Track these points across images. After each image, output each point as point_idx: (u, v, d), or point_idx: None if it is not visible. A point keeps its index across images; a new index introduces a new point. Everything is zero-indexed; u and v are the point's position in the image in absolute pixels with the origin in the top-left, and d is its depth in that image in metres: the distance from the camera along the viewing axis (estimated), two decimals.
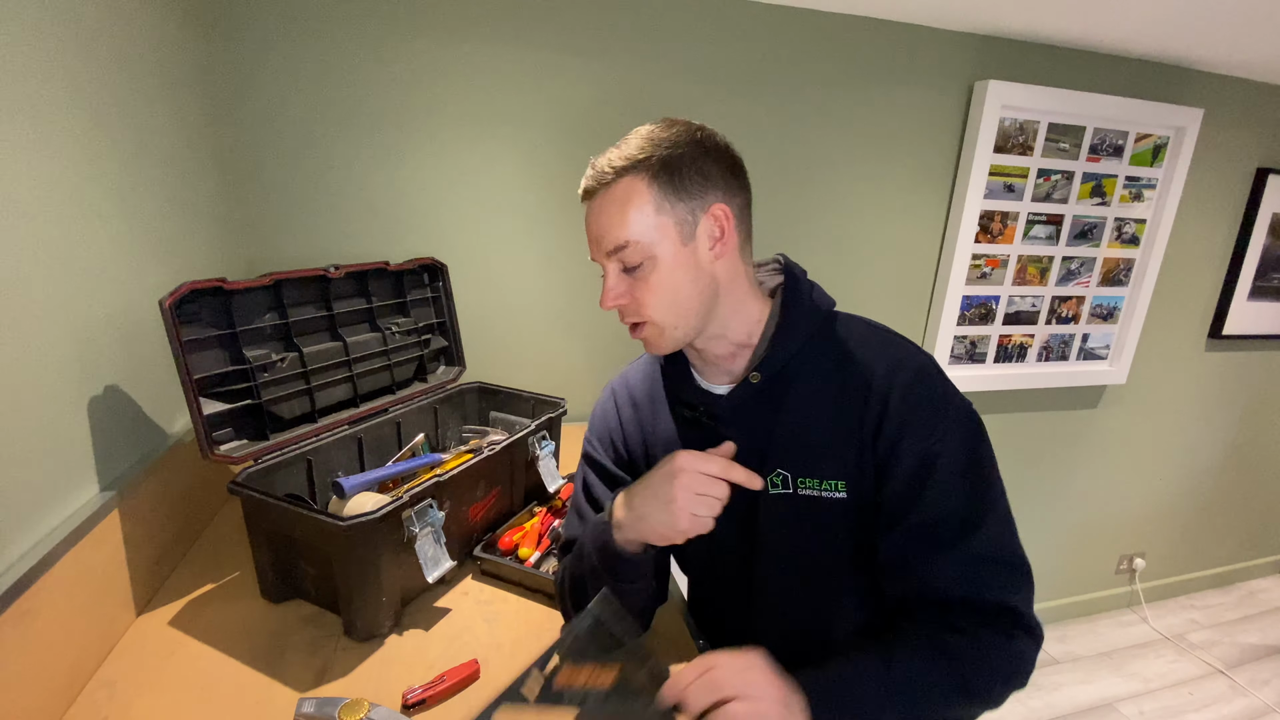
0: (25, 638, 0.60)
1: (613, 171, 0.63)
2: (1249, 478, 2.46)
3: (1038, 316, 1.89)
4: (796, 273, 0.72)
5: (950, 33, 1.58)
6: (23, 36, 0.67)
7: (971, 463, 0.63)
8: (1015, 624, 0.60)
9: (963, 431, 0.63)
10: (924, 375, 0.65)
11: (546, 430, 1.09)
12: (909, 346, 0.68)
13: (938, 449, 0.62)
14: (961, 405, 0.65)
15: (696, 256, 0.65)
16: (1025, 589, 0.62)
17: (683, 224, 0.63)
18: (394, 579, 0.80)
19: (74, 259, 0.75)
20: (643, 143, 0.63)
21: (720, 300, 0.67)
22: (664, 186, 0.62)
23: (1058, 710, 1.95)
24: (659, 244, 0.63)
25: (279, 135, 1.23)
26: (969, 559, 0.61)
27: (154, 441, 0.93)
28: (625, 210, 0.63)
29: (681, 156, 0.62)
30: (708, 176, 0.63)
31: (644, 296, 0.65)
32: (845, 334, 0.69)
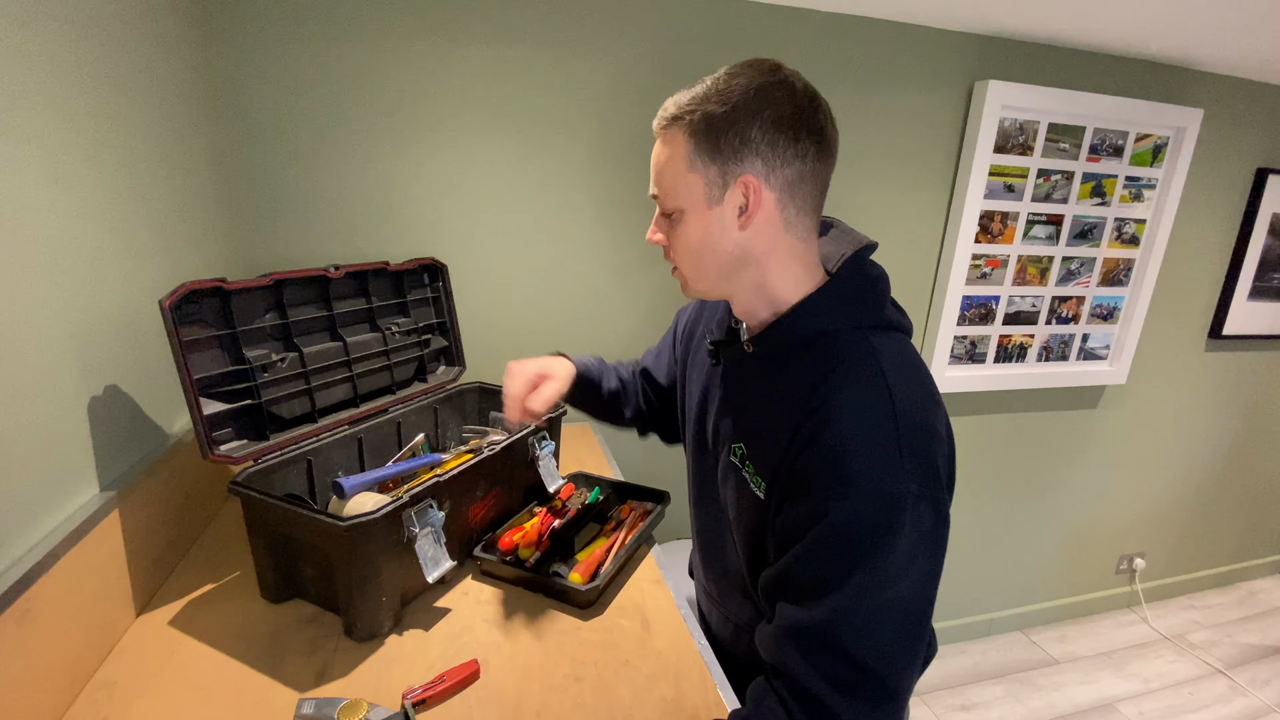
0: (25, 638, 0.60)
1: (668, 118, 0.63)
2: (1249, 478, 2.46)
3: (1038, 316, 1.89)
4: (850, 269, 0.65)
5: (950, 33, 1.57)
6: (22, 36, 0.67)
7: (866, 539, 0.54)
8: None
9: (880, 508, 0.54)
10: (881, 433, 0.56)
11: (546, 430, 1.09)
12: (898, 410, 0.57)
13: (838, 504, 0.55)
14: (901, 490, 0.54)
15: (722, 222, 0.62)
16: (862, 704, 0.53)
17: (711, 186, 0.61)
18: (394, 579, 0.80)
19: (74, 259, 0.75)
20: (700, 91, 0.61)
21: (749, 270, 0.64)
22: (700, 144, 0.60)
23: (1058, 710, 1.95)
24: (683, 199, 0.62)
25: (279, 135, 1.23)
26: (811, 632, 0.55)
27: (154, 441, 0.93)
28: (664, 160, 0.63)
29: (725, 115, 0.58)
30: (748, 141, 0.58)
31: (674, 244, 0.66)
32: (851, 359, 0.61)
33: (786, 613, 0.57)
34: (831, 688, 0.53)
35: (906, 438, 0.55)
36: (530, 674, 0.74)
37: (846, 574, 0.53)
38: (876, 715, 0.53)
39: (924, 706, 1.95)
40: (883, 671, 0.53)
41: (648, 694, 0.72)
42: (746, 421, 0.69)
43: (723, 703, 0.72)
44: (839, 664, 0.53)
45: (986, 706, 1.96)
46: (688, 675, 0.75)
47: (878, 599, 0.54)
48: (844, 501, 0.54)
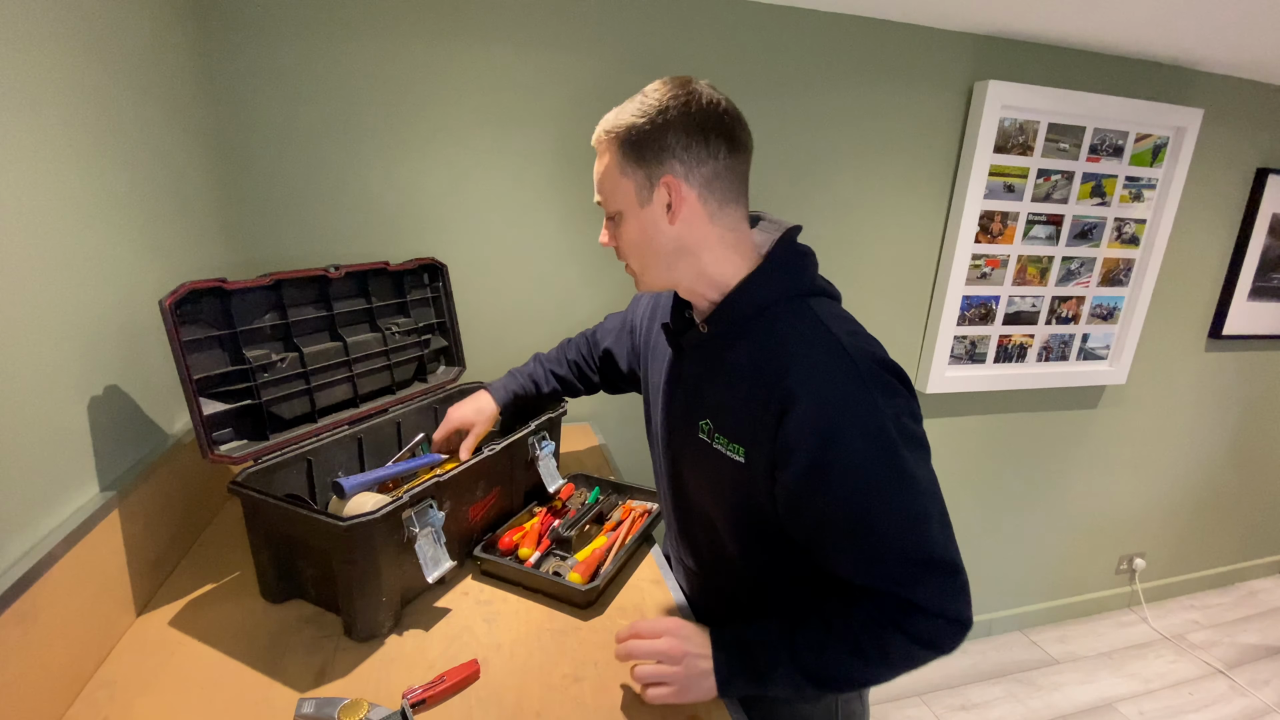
0: (25, 638, 0.60)
1: (600, 134, 0.71)
2: (1249, 478, 2.46)
3: (1038, 316, 1.89)
4: (782, 248, 0.73)
5: (950, 33, 1.58)
6: (21, 36, 0.67)
7: (876, 466, 0.62)
8: (912, 609, 0.63)
9: (873, 439, 0.62)
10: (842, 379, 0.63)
11: (546, 430, 1.09)
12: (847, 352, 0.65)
13: (832, 457, 0.62)
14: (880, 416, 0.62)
15: (654, 219, 0.70)
16: (933, 583, 0.63)
17: (641, 188, 0.69)
18: (394, 579, 0.80)
19: (74, 259, 0.75)
20: (625, 108, 0.70)
21: (688, 260, 0.72)
22: (626, 154, 0.68)
23: (1058, 710, 1.95)
24: (621, 203, 0.71)
25: (279, 135, 1.23)
26: (864, 556, 0.64)
27: (154, 441, 0.93)
28: (600, 169, 0.72)
29: (643, 127, 0.67)
30: (665, 148, 0.67)
31: (620, 244, 0.74)
32: (800, 320, 0.69)
33: (839, 552, 0.65)
34: (902, 587, 0.62)
35: (866, 375, 0.64)
36: (530, 674, 0.74)
37: (876, 501, 0.62)
38: (949, 586, 0.63)
39: (924, 706, 1.95)
40: (936, 555, 0.63)
41: None
42: (710, 397, 0.74)
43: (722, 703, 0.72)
44: (902, 567, 0.62)
45: (986, 706, 1.96)
46: None
47: (908, 506, 0.63)
48: (840, 452, 0.62)
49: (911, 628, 0.63)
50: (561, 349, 1.16)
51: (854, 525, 0.63)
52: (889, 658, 0.64)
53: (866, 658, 0.64)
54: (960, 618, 0.63)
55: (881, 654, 0.64)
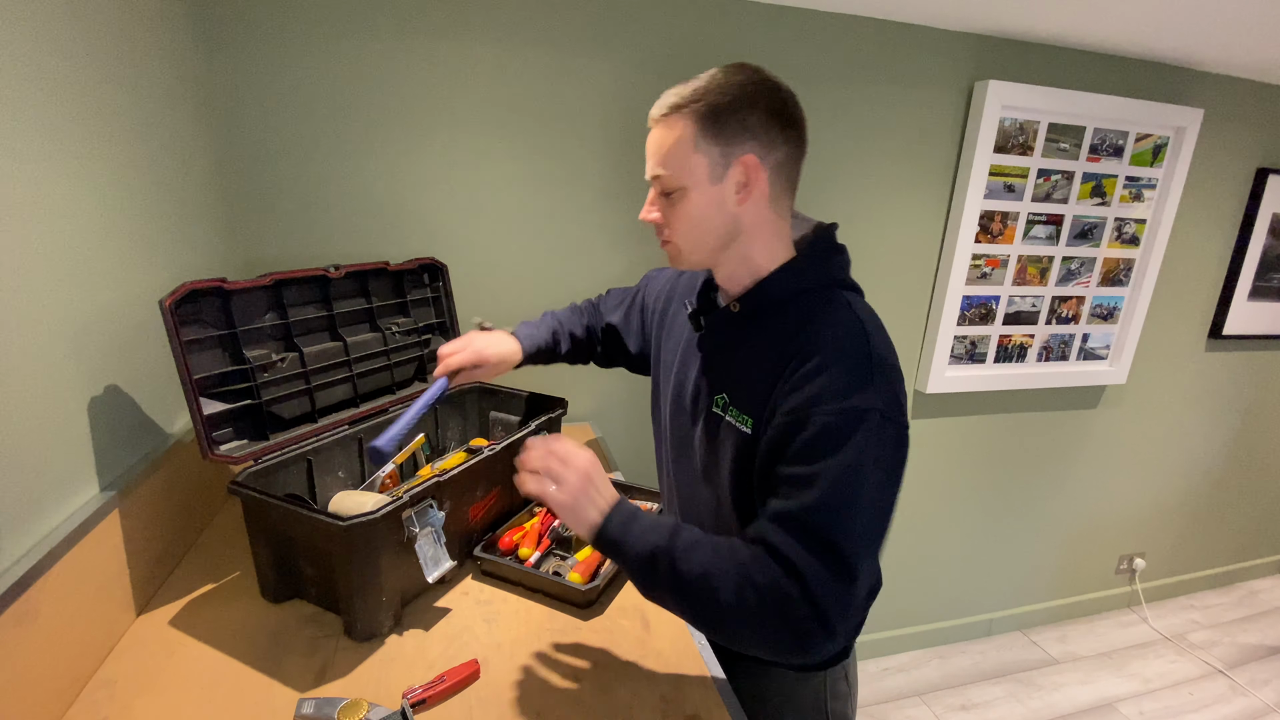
0: (25, 638, 0.60)
1: (670, 107, 0.70)
2: (1249, 478, 2.46)
3: (1038, 316, 1.89)
4: (823, 241, 0.76)
5: (950, 33, 1.58)
6: (21, 37, 0.67)
7: (838, 445, 0.62)
8: (801, 588, 0.59)
9: (851, 420, 0.62)
10: (852, 366, 0.65)
11: (546, 430, 1.09)
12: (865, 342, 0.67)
13: (810, 417, 0.63)
14: (869, 405, 0.63)
15: (722, 198, 0.70)
16: (827, 573, 0.60)
17: (714, 166, 0.69)
18: (394, 579, 0.80)
19: (74, 259, 0.75)
20: (702, 84, 0.68)
21: (739, 241, 0.73)
22: (705, 129, 0.68)
23: (1058, 710, 1.95)
24: (689, 179, 0.69)
25: (279, 135, 1.23)
26: (786, 514, 0.62)
27: (154, 441, 0.93)
28: (667, 144, 0.70)
29: (728, 104, 0.67)
30: (748, 127, 0.67)
31: (671, 220, 0.73)
32: (828, 307, 0.71)
33: (772, 504, 0.65)
34: (804, 552, 0.61)
35: (878, 368, 0.65)
36: (530, 674, 0.74)
37: (824, 471, 0.62)
38: (835, 584, 0.60)
39: (924, 706, 1.95)
40: (846, 551, 0.61)
41: (648, 694, 0.72)
42: (729, 373, 0.76)
43: (722, 703, 0.72)
44: (811, 540, 0.61)
45: (986, 706, 1.96)
46: (688, 675, 0.75)
47: (848, 494, 0.62)
48: (822, 414, 0.63)
49: (782, 593, 0.59)
50: (574, 313, 1.12)
51: (795, 486, 0.63)
52: (745, 609, 0.61)
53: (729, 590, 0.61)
54: (829, 621, 0.59)
55: (740, 597, 0.61)
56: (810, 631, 0.59)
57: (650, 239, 1.51)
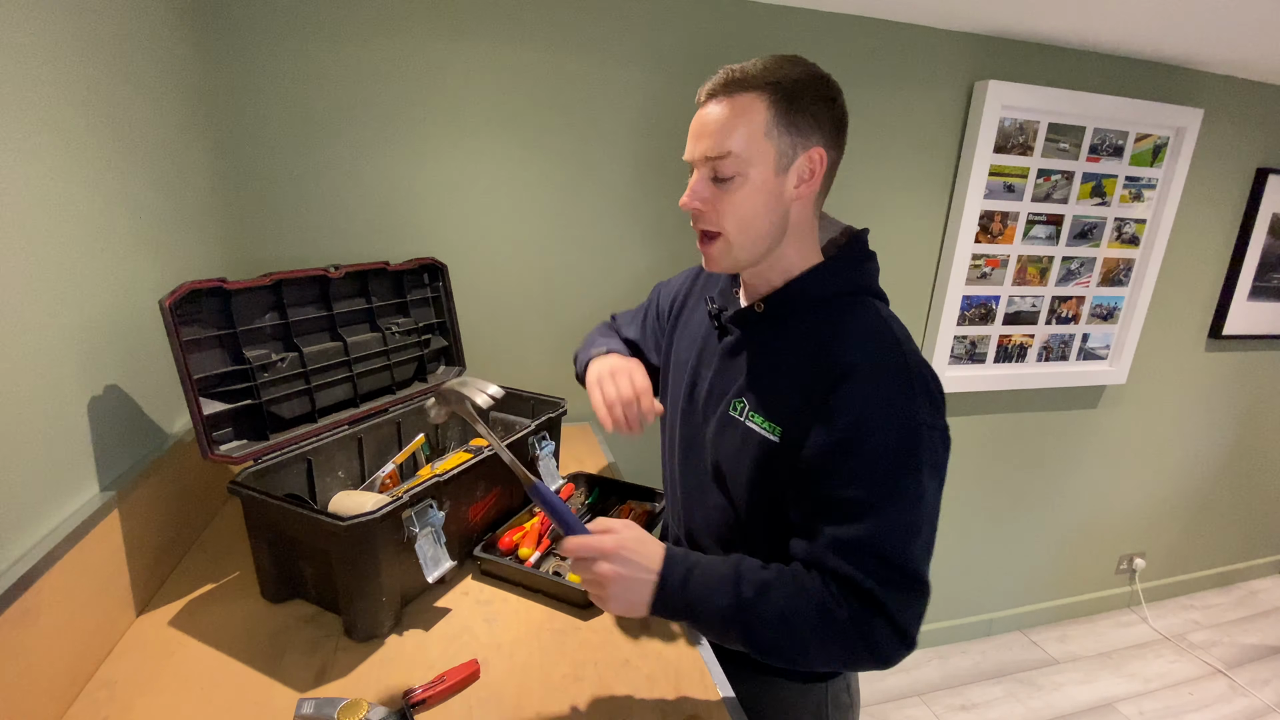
0: (25, 638, 0.60)
1: (739, 83, 0.65)
2: (1249, 478, 2.46)
3: (1038, 316, 1.89)
4: (857, 246, 0.75)
5: (950, 33, 1.58)
6: (21, 37, 0.67)
7: (896, 465, 0.63)
8: (879, 611, 0.62)
9: (902, 437, 0.63)
10: (897, 378, 0.65)
11: (546, 430, 1.09)
12: (903, 354, 0.67)
13: (866, 438, 0.63)
14: (913, 419, 0.64)
15: (782, 189, 0.68)
16: (902, 593, 0.62)
17: (782, 154, 0.66)
18: (394, 579, 0.80)
19: (74, 259, 0.75)
20: (773, 66, 0.66)
21: (785, 239, 0.71)
22: (780, 114, 0.65)
23: (1058, 710, 1.95)
24: (755, 164, 0.66)
25: (279, 135, 1.23)
26: (856, 546, 0.63)
27: (154, 441, 0.93)
28: (737, 123, 0.65)
29: (804, 92, 0.65)
30: (818, 120, 0.66)
31: (725, 208, 0.68)
32: (861, 315, 0.70)
33: (829, 529, 0.64)
34: (875, 582, 0.61)
35: (917, 379, 0.65)
36: (530, 674, 0.74)
37: (883, 495, 0.63)
38: (913, 603, 0.63)
39: (924, 706, 1.95)
40: (913, 569, 0.63)
41: (648, 694, 0.72)
42: (751, 377, 0.74)
43: (722, 703, 0.72)
44: (881, 566, 0.62)
45: (986, 706, 1.96)
46: (688, 675, 0.75)
47: (908, 514, 0.63)
48: (873, 436, 0.63)
49: (866, 624, 0.61)
50: (610, 329, 1.07)
51: (856, 510, 0.63)
52: (830, 644, 0.62)
53: (810, 634, 0.62)
54: (910, 636, 0.62)
55: (826, 637, 0.62)
56: (893, 650, 0.62)
57: (651, 240, 1.51)
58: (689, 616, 0.65)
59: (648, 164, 1.46)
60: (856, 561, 0.62)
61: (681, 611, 0.64)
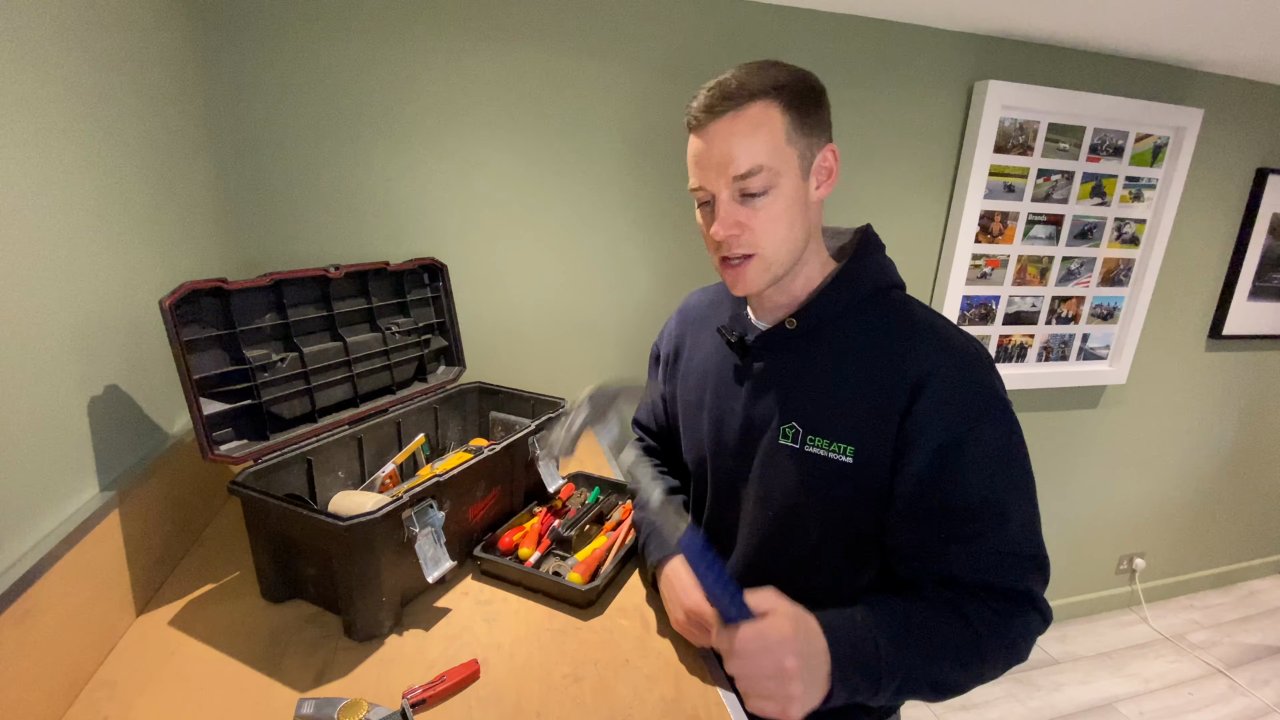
0: (25, 638, 0.60)
1: (744, 95, 0.61)
2: (1249, 478, 2.46)
3: (1038, 316, 1.89)
4: (872, 242, 0.73)
5: (950, 33, 1.58)
6: (21, 36, 0.67)
7: (1004, 454, 0.62)
8: (1030, 605, 0.62)
9: (999, 423, 0.62)
10: (970, 364, 0.64)
11: (547, 431, 1.09)
12: (960, 336, 0.67)
13: (968, 436, 0.61)
14: (1002, 399, 0.64)
15: (808, 194, 0.66)
16: (1042, 579, 0.64)
17: (803, 158, 0.64)
18: (394, 579, 0.80)
19: (74, 259, 0.75)
20: (770, 72, 0.63)
21: (809, 244, 0.69)
22: (796, 117, 0.62)
23: (1058, 710, 1.95)
24: (784, 174, 0.63)
25: (279, 135, 1.23)
26: (990, 551, 0.62)
27: (154, 441, 0.93)
28: (757, 135, 0.61)
29: (811, 92, 0.64)
30: (823, 117, 0.66)
31: (761, 226, 0.64)
32: (899, 310, 0.68)
33: (961, 543, 0.61)
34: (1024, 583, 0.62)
35: (984, 360, 0.64)
36: (530, 674, 0.74)
37: (1006, 490, 0.61)
38: (1044, 584, 0.64)
39: (924, 706, 1.95)
40: (1044, 554, 0.63)
41: (648, 694, 0.72)
42: (797, 398, 0.69)
43: (723, 702, 0.72)
44: (1024, 563, 0.62)
45: (986, 706, 1.96)
46: (688, 675, 0.75)
47: (1030, 501, 0.63)
48: (978, 437, 0.61)
49: (1026, 624, 0.62)
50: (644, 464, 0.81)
51: (985, 515, 0.61)
52: (999, 656, 0.61)
53: (983, 657, 0.60)
54: (1049, 617, 0.64)
55: (995, 652, 0.61)
56: (1040, 632, 0.63)
57: (651, 239, 1.51)
58: (871, 683, 0.56)
59: (648, 164, 1.46)
60: (999, 566, 0.61)
61: (861, 681, 0.56)
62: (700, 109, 0.63)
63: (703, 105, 0.63)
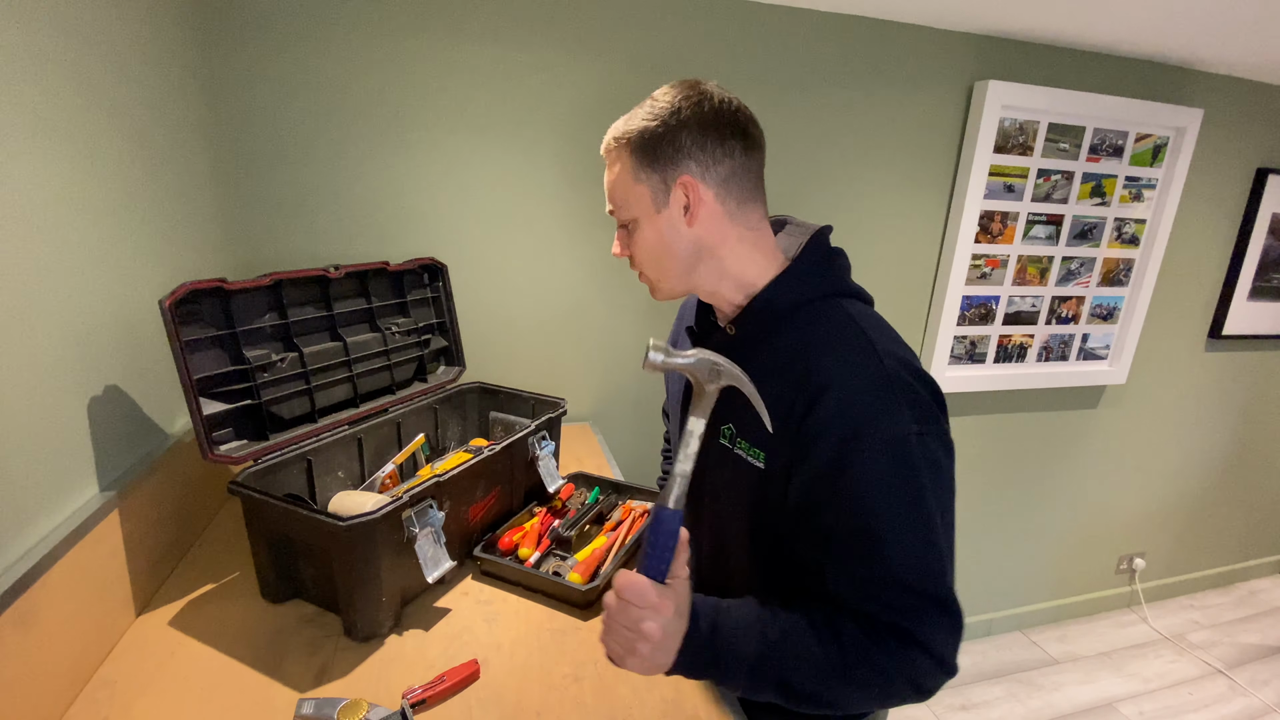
0: (25, 638, 0.60)
1: (610, 142, 0.70)
2: (1249, 478, 2.46)
3: (1038, 316, 1.89)
4: (815, 248, 0.72)
5: (950, 33, 1.58)
6: (22, 37, 0.67)
7: (889, 480, 0.59)
8: (911, 643, 0.58)
9: (890, 446, 0.59)
10: (873, 382, 0.61)
11: (546, 430, 1.09)
12: (883, 354, 0.63)
13: (853, 457, 0.59)
14: (900, 423, 0.60)
15: (671, 222, 0.68)
16: (933, 620, 0.59)
17: (656, 192, 0.68)
18: (394, 579, 0.80)
19: (74, 259, 0.75)
20: (636, 113, 0.69)
21: (707, 261, 0.70)
22: (640, 158, 0.67)
23: (1058, 710, 1.95)
24: (636, 209, 0.69)
25: (279, 135, 1.23)
26: (867, 579, 0.60)
27: (154, 441, 0.93)
28: (613, 177, 0.70)
29: (656, 130, 0.66)
30: (679, 148, 0.66)
31: (635, 253, 0.72)
32: (831, 321, 0.67)
33: (840, 566, 0.61)
34: (903, 616, 0.59)
35: (897, 385, 0.61)
36: (530, 674, 0.74)
37: (886, 521, 0.59)
38: (945, 627, 0.60)
39: (924, 706, 1.95)
40: (937, 591, 0.60)
41: (648, 694, 0.72)
42: (733, 401, 0.70)
43: (723, 703, 0.72)
44: (905, 595, 0.59)
45: (986, 706, 1.96)
46: None
47: (918, 534, 0.60)
48: (859, 455, 0.59)
49: (904, 661, 0.59)
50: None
51: (862, 544, 0.60)
52: (870, 687, 0.60)
53: (849, 681, 0.59)
54: (949, 664, 0.60)
55: (865, 681, 0.59)
56: (935, 682, 0.60)
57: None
58: (715, 671, 0.60)
59: None
60: (877, 597, 0.59)
61: (707, 665, 0.60)
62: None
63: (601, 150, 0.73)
